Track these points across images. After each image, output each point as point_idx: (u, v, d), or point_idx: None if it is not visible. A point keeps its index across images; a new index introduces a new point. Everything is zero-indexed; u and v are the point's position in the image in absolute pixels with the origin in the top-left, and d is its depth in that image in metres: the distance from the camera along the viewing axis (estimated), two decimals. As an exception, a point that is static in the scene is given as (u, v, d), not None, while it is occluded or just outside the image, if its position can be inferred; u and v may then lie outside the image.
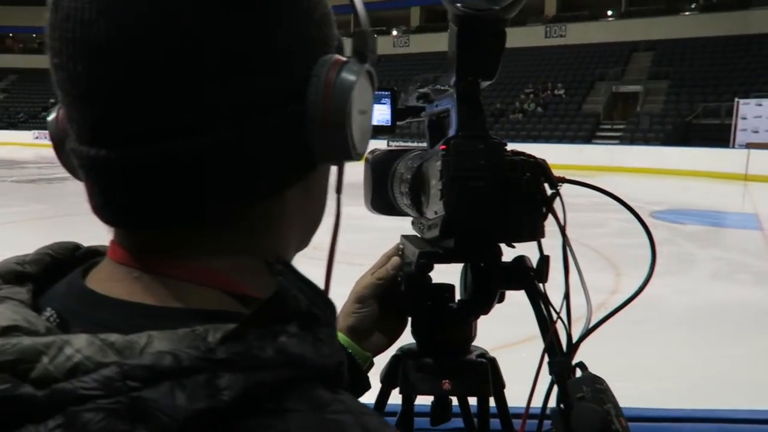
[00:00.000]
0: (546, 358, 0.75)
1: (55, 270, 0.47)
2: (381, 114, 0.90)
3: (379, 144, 0.99)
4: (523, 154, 0.77)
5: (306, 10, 0.43)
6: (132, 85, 0.38)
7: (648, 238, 0.78)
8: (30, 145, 27.71)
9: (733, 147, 18.62)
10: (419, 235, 0.90)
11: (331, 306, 0.41)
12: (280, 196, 0.44)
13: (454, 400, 0.95)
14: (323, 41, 0.45)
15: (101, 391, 0.32)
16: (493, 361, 0.89)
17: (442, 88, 0.88)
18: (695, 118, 21.38)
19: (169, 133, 0.39)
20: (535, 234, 0.76)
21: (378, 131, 0.88)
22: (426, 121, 0.94)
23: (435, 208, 0.77)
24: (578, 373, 0.72)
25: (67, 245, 0.50)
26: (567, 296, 0.75)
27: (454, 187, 0.74)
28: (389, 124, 0.90)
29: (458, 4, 0.72)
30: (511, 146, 0.78)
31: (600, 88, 25.40)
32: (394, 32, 37.13)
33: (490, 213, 0.75)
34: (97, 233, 0.49)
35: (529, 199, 0.75)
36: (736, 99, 19.07)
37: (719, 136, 19.28)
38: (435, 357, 0.87)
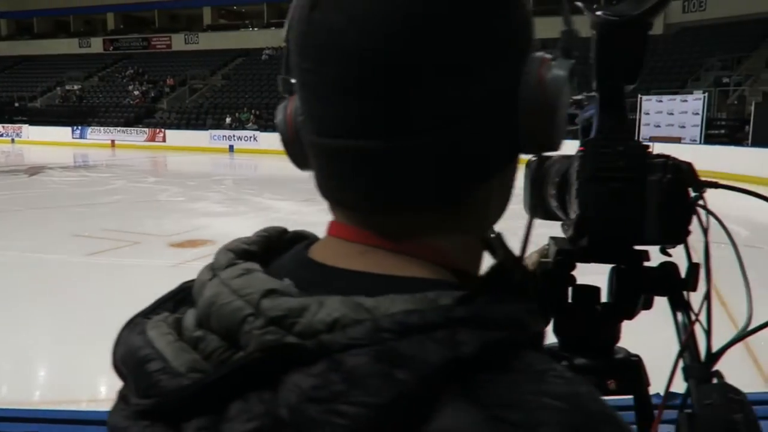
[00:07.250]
0: (680, 363, 0.74)
1: (269, 250, 0.51)
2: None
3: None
4: (667, 157, 0.74)
5: (518, 11, 0.46)
6: (396, 84, 0.42)
7: None
8: None
9: (638, 140, 19.05)
10: (564, 236, 0.86)
11: (533, 282, 0.46)
12: (490, 183, 0.48)
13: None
14: (528, 41, 0.47)
15: (363, 340, 0.37)
16: (640, 360, 0.86)
17: (592, 94, 0.83)
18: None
19: (431, 124, 0.43)
20: (673, 238, 0.74)
21: None
22: (579, 127, 0.85)
23: (575, 208, 0.75)
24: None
25: (279, 229, 0.54)
26: (708, 302, 0.73)
27: (589, 187, 0.73)
28: None
29: (599, 12, 0.71)
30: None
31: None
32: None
33: (626, 215, 0.73)
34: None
35: (669, 202, 0.72)
36: (639, 95, 19.50)
37: (627, 128, 19.83)
38: (587, 357, 0.82)
